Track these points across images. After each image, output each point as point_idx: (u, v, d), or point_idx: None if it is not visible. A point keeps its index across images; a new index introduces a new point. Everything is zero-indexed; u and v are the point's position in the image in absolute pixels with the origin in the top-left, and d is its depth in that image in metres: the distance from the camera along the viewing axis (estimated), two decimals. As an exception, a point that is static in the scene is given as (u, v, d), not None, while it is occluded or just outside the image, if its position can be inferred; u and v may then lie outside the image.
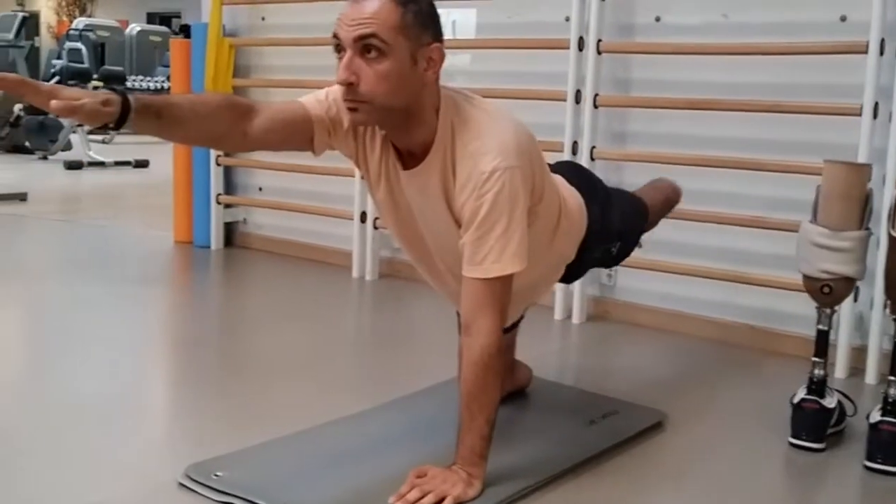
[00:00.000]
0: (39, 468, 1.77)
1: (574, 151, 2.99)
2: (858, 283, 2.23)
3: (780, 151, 2.71)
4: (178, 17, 16.85)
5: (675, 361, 2.70)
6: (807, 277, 2.00)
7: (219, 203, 4.07)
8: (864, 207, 1.95)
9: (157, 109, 1.50)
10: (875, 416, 1.92)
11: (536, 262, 1.73)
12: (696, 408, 2.26)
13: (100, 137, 9.18)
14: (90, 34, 10.72)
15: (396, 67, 1.54)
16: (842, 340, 2.56)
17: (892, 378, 1.92)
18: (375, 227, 3.57)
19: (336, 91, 1.65)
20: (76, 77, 8.43)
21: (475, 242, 1.60)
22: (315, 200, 3.83)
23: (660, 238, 2.99)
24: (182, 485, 1.66)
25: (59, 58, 10.35)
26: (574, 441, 1.94)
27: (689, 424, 2.13)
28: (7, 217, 4.97)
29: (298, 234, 4.00)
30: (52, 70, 9.67)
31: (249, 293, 3.60)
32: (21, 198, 5.55)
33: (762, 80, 2.75)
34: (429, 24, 1.58)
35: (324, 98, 1.69)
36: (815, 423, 2.00)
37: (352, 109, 1.59)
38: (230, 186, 4.17)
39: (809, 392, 2.01)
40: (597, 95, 2.95)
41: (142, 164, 7.90)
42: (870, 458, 1.90)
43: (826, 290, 1.96)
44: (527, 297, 1.93)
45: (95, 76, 8.52)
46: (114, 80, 8.75)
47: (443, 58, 1.60)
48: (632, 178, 3.03)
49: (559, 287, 3.01)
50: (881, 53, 2.45)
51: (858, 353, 2.57)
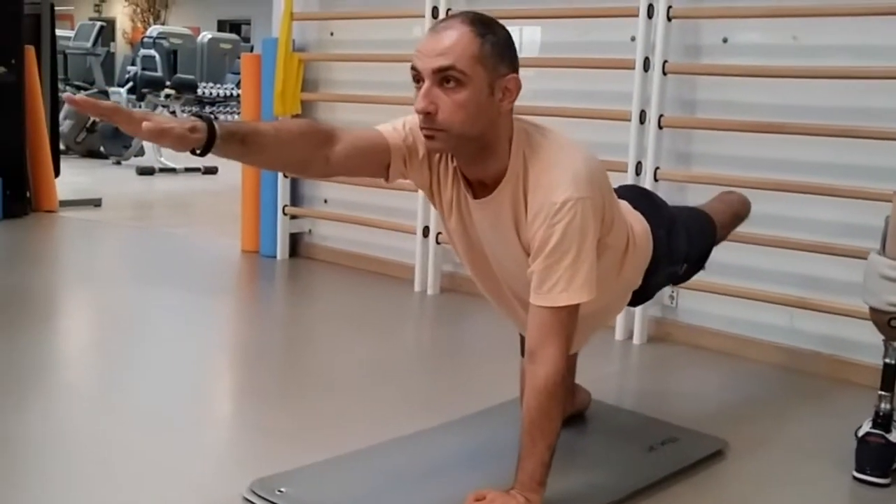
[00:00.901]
0: (103, 477, 1.84)
1: (638, 172, 2.98)
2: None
3: (851, 176, 2.66)
4: (248, 25, 17.21)
5: (738, 387, 2.68)
6: (874, 310, 1.97)
7: (285, 214, 4.16)
8: (936, 240, 1.91)
9: (242, 136, 1.55)
10: (943, 454, 1.88)
11: (604, 291, 1.75)
12: (759, 436, 2.24)
13: (171, 143, 9.41)
14: (164, 42, 11.00)
15: (474, 97, 1.57)
16: (911, 371, 2.50)
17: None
18: (438, 242, 3.61)
19: (413, 120, 1.68)
20: (149, 85, 8.68)
21: (544, 271, 1.62)
22: (379, 214, 3.89)
23: (724, 261, 2.96)
24: (247, 500, 1.71)
25: (134, 64, 10.65)
26: (632, 468, 1.94)
27: (751, 454, 2.11)
28: (83, 222, 5.16)
29: (362, 247, 4.06)
30: (127, 76, 9.96)
31: (313, 305, 3.67)
32: (96, 203, 5.74)
33: (832, 104, 2.71)
34: (505, 55, 1.61)
35: (401, 127, 1.73)
36: (880, 458, 1.96)
37: (429, 137, 1.63)
38: (296, 198, 4.25)
39: (875, 426, 1.98)
40: (661, 116, 2.94)
41: (210, 171, 8.09)
42: (937, 496, 1.86)
43: (894, 324, 1.93)
44: (593, 325, 1.94)
45: (168, 83, 8.76)
46: (186, 89, 8.98)
47: (519, 88, 1.63)
48: (695, 200, 2.99)
49: (620, 307, 3.00)
50: (957, 79, 2.40)
51: (928, 384, 2.50)
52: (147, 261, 4.34)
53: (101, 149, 8.71)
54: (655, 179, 2.96)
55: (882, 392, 1.98)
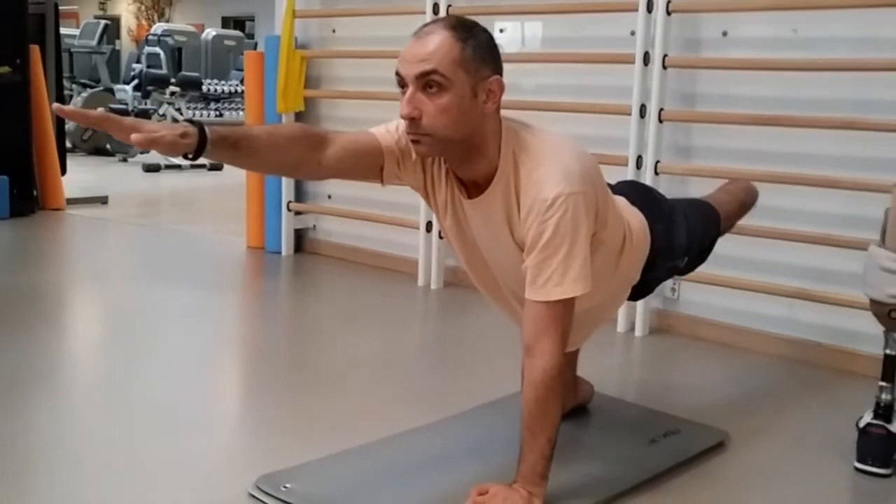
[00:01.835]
0: (110, 475, 1.86)
1: (638, 165, 2.99)
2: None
3: (851, 168, 2.67)
4: (252, 21, 17.21)
5: (740, 378, 2.69)
6: (874, 302, 1.98)
7: (289, 210, 4.18)
8: (934, 232, 1.92)
9: (234, 141, 1.57)
10: (943, 444, 1.89)
11: (602, 287, 1.76)
12: (761, 427, 2.25)
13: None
14: (168, 39, 11.04)
15: (457, 101, 1.59)
16: (912, 361, 2.51)
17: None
18: (440, 237, 3.62)
19: (404, 123, 1.70)
20: (154, 83, 8.70)
21: (538, 266, 1.64)
22: (382, 209, 3.91)
23: (725, 253, 2.97)
24: (252, 496, 1.73)
25: (139, 62, 10.68)
26: (634, 460, 1.96)
27: (753, 445, 2.13)
28: (90, 220, 5.19)
29: (366, 242, 4.08)
30: (132, 73, 9.99)
31: (318, 300, 3.69)
32: (102, 201, 5.78)
33: (831, 96, 2.72)
34: (487, 58, 1.62)
35: (394, 130, 1.74)
36: (881, 449, 1.98)
37: (415, 142, 1.65)
38: (300, 194, 4.28)
39: (876, 416, 1.99)
40: (662, 110, 2.95)
41: (216, 168, 8.12)
42: (937, 486, 1.88)
43: (894, 315, 1.94)
44: (593, 321, 1.95)
45: (173, 81, 8.79)
46: (190, 86, 9.00)
47: (502, 89, 1.64)
48: (696, 193, 3.00)
49: (623, 300, 3.02)
50: (956, 70, 2.40)
51: (930, 375, 2.51)
52: (153, 258, 4.37)
53: (108, 146, 8.75)
54: (656, 173, 2.97)
55: (883, 383, 1.99)
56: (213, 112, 10.93)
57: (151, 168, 7.85)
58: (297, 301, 3.72)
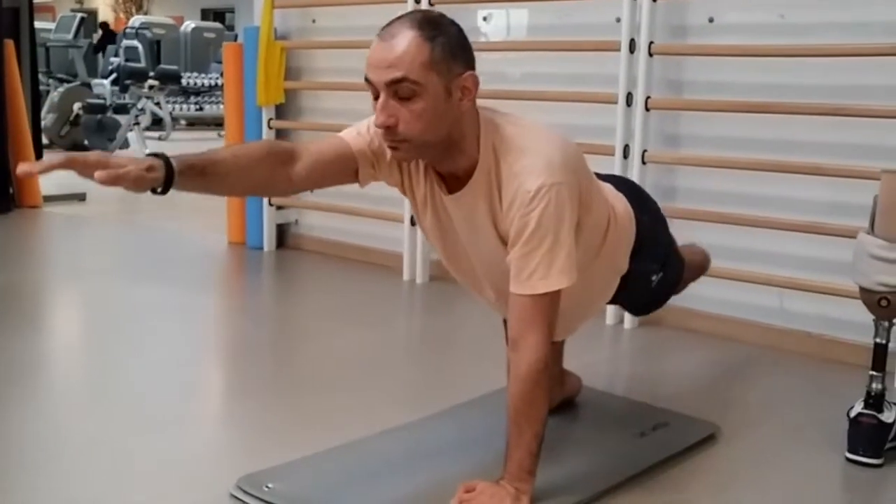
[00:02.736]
0: (90, 475, 1.82)
1: (625, 155, 2.96)
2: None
3: (839, 155, 2.64)
4: (232, 13, 17.09)
5: (730, 370, 2.66)
6: (863, 290, 1.95)
7: (271, 205, 4.12)
8: (925, 219, 1.90)
9: (201, 168, 1.52)
10: (936, 433, 1.87)
11: (587, 275, 1.73)
12: (751, 419, 2.23)
13: (156, 135, 9.37)
14: (146, 32, 10.94)
15: (431, 104, 1.54)
16: (902, 350, 2.49)
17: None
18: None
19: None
20: (132, 76, 8.60)
21: (522, 259, 1.60)
22: (366, 202, 3.85)
23: (715, 242, 2.94)
24: (234, 496, 1.69)
25: (117, 55, 10.57)
26: (623, 455, 1.93)
27: (743, 437, 2.10)
28: (68, 218, 5.11)
29: (349, 236, 4.03)
30: (110, 67, 9.88)
31: (301, 297, 3.64)
32: (80, 198, 5.68)
33: (820, 82, 2.69)
34: (458, 54, 1.57)
35: (365, 131, 1.70)
36: (873, 439, 1.95)
37: (393, 148, 1.60)
38: (282, 188, 4.21)
39: (867, 406, 1.96)
40: (648, 98, 2.91)
41: (197, 162, 8.03)
42: (930, 476, 1.85)
43: (884, 304, 1.91)
44: (581, 313, 1.92)
45: (151, 74, 8.69)
46: (169, 79, 8.91)
47: (477, 84, 1.59)
48: (684, 182, 3.00)
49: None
50: (945, 55, 2.38)
51: (920, 363, 2.50)
52: (133, 255, 4.30)
53: (86, 142, 8.64)
54: (643, 162, 2.93)
55: (873, 372, 1.97)
56: (194, 106, 10.85)
57: (131, 163, 7.74)
58: (280, 297, 3.67)
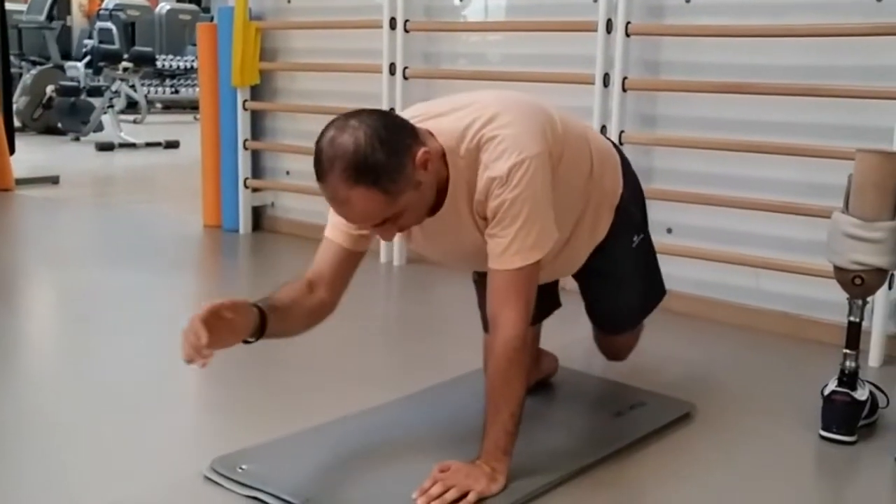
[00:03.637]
0: (66, 457, 1.80)
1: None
2: (894, 272, 2.18)
3: (813, 135, 2.65)
4: (208, -5, 16.86)
5: (706, 350, 2.67)
6: (838, 269, 1.96)
7: (247, 187, 4.09)
8: (899, 197, 1.90)
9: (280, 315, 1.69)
10: (908, 410, 1.88)
11: (571, 197, 1.77)
12: (727, 398, 2.24)
13: (131, 118, 9.26)
14: (120, 14, 10.77)
15: (413, 204, 1.59)
16: (876, 328, 2.51)
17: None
18: (402, 212, 3.56)
19: None
20: (106, 59, 8.47)
21: (497, 236, 1.63)
22: (342, 184, 3.82)
23: (690, 223, 2.95)
24: (207, 478, 1.68)
25: (90, 37, 10.40)
26: (600, 434, 1.93)
27: (719, 416, 2.11)
28: (40, 201, 5.04)
29: (326, 219, 3.98)
30: (84, 50, 9.72)
31: (276, 279, 3.53)
32: (53, 181, 5.61)
33: (796, 63, 2.69)
34: (398, 160, 1.53)
35: (342, 223, 1.72)
36: (846, 416, 1.97)
37: (403, 232, 1.72)
38: (258, 170, 4.18)
39: (840, 384, 1.98)
40: (626, 79, 2.90)
41: (172, 145, 7.95)
42: (902, 453, 1.87)
43: (857, 282, 1.92)
44: (567, 261, 1.91)
45: (126, 57, 8.56)
46: (144, 62, 8.78)
47: (427, 154, 1.57)
48: (661, 163, 2.99)
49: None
50: (919, 35, 2.38)
51: (893, 342, 2.52)
52: (108, 239, 4.25)
53: (59, 125, 8.52)
54: (620, 143, 2.92)
55: (847, 350, 1.98)
56: (169, 88, 10.72)
57: (105, 147, 7.65)
58: (255, 280, 3.64)
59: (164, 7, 11.87)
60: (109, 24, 10.08)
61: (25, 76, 9.08)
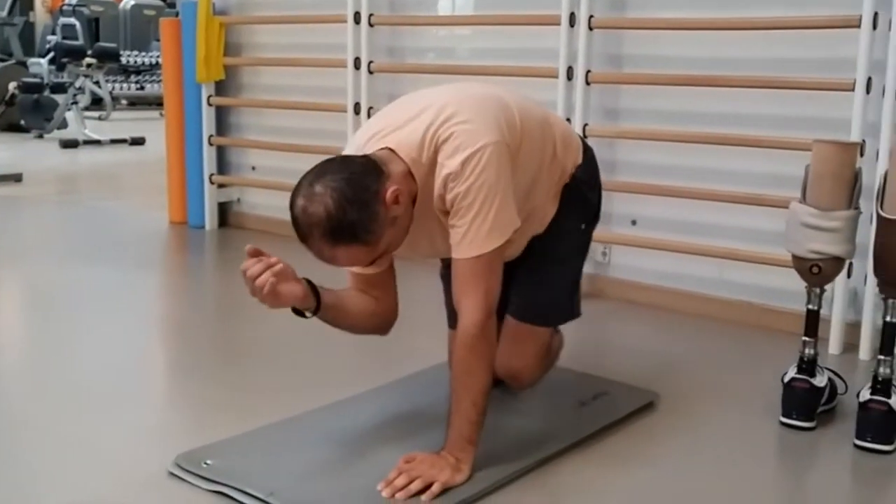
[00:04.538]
0: (30, 454, 1.79)
1: (567, 129, 2.96)
2: (852, 259, 2.22)
3: (774, 127, 2.69)
4: (173, -10, 16.69)
5: (670, 340, 2.70)
6: (796, 257, 1.99)
7: (212, 183, 4.06)
8: (854, 186, 1.94)
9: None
10: (865, 395, 1.92)
11: (534, 188, 1.80)
12: (689, 387, 2.26)
13: (96, 114, 9.15)
14: (84, 9, 10.63)
15: (394, 237, 1.65)
16: (835, 316, 2.55)
17: (882, 357, 1.92)
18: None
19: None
20: (70, 55, 8.36)
21: (455, 226, 1.65)
22: (309, 179, 3.81)
23: (654, 215, 2.98)
24: (172, 473, 1.67)
25: (54, 33, 10.25)
26: (564, 424, 1.95)
27: (682, 404, 2.13)
28: (2, 199, 4.96)
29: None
30: (48, 46, 9.59)
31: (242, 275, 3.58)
32: (16, 179, 5.53)
33: (756, 56, 2.72)
34: (371, 207, 1.57)
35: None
36: (806, 402, 2.00)
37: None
38: (223, 166, 4.15)
39: (800, 371, 2.01)
40: (589, 72, 2.92)
41: (138, 142, 7.86)
42: (859, 437, 1.91)
43: (815, 271, 1.95)
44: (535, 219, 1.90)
45: (89, 52, 8.45)
46: (108, 58, 8.68)
47: (396, 191, 1.60)
48: (625, 155, 3.02)
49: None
50: (874, 27, 2.42)
51: (852, 329, 2.57)
52: (72, 236, 4.20)
53: (22, 122, 8.39)
54: (584, 136, 2.93)
55: (806, 338, 2.02)
56: (135, 85, 10.60)
57: (69, 144, 7.55)
58: (221, 276, 3.61)
59: (129, 2, 11.73)
60: (73, 20, 9.94)
61: (-13, 73, 8.93)
